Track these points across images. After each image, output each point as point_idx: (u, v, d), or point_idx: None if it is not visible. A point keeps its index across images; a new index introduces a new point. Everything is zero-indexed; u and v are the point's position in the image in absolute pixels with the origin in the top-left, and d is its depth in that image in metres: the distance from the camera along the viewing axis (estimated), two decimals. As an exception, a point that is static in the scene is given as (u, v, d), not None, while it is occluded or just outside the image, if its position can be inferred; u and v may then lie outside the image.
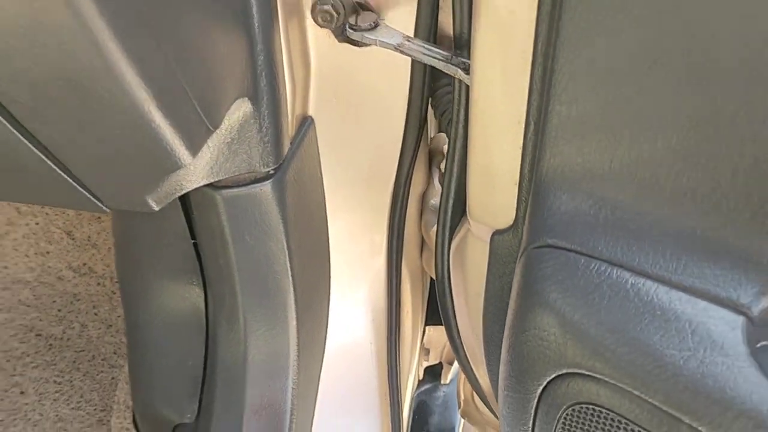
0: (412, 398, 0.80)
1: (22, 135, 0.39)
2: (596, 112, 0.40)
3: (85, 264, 0.95)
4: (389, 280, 0.69)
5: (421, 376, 0.82)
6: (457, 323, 0.68)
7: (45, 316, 0.92)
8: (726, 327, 0.34)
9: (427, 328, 0.83)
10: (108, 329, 0.93)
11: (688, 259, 0.38)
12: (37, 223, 0.95)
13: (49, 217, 0.95)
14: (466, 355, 0.70)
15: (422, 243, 0.76)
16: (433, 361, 0.82)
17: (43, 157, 0.41)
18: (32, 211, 0.95)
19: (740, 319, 0.34)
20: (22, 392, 0.85)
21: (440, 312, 0.69)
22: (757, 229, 0.36)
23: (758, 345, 0.34)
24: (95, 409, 0.86)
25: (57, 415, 0.84)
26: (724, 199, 0.37)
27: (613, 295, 0.40)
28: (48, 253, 0.96)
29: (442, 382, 0.82)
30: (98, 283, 0.94)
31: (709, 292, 0.37)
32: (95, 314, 0.93)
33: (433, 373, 0.83)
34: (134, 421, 0.75)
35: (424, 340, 0.80)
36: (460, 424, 0.82)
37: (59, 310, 0.93)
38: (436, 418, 0.78)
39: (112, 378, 0.87)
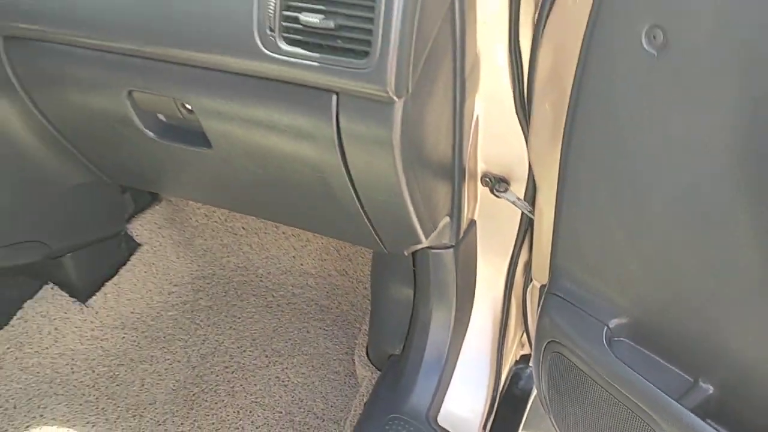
0: (510, 370, 1.44)
1: (362, 210, 1.09)
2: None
3: (344, 269, 1.69)
4: (505, 295, 1.33)
5: (517, 359, 1.46)
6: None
7: (321, 295, 1.67)
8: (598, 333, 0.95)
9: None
10: (353, 306, 1.66)
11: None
12: (322, 243, 1.70)
13: (328, 240, 1.70)
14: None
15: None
16: (527, 351, 1.44)
17: (368, 223, 1.11)
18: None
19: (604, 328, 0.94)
20: (308, 332, 1.59)
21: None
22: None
23: (615, 340, 0.94)
24: (345, 347, 1.58)
25: (324, 346, 1.57)
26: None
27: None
28: (324, 260, 1.71)
29: (530, 364, 1.44)
30: (351, 280, 1.67)
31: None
32: (349, 298, 1.66)
33: (526, 359, 1.46)
34: (367, 353, 1.46)
35: (522, 338, 1.43)
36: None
37: (328, 293, 1.68)
38: (522, 384, 1.41)
39: (357, 329, 1.59)
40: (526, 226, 1.22)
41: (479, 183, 1.19)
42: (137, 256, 1.62)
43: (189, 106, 1.02)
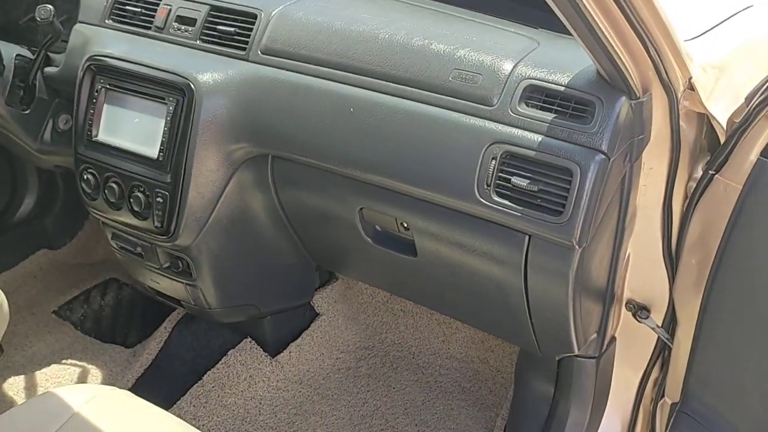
0: None
1: (529, 321, 1.34)
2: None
3: (486, 358, 1.94)
4: (635, 405, 1.54)
5: None
6: None
7: (464, 378, 1.92)
8: None
9: None
10: (491, 392, 1.90)
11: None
12: (468, 333, 1.97)
13: (474, 330, 1.97)
14: None
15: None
16: None
17: (531, 331, 1.37)
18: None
19: None
20: (451, 409, 1.84)
21: None
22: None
23: None
24: (484, 427, 1.82)
25: (465, 424, 1.82)
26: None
27: None
28: (469, 348, 1.97)
29: None
30: (491, 369, 1.92)
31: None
32: (489, 384, 1.91)
33: None
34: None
35: None
36: None
37: (471, 377, 1.93)
38: None
39: (494, 413, 1.83)
40: (661, 349, 1.44)
41: (623, 307, 1.43)
42: (316, 324, 1.94)
43: (406, 224, 1.34)
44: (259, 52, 1.40)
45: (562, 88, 1.13)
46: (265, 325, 1.83)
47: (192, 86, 1.39)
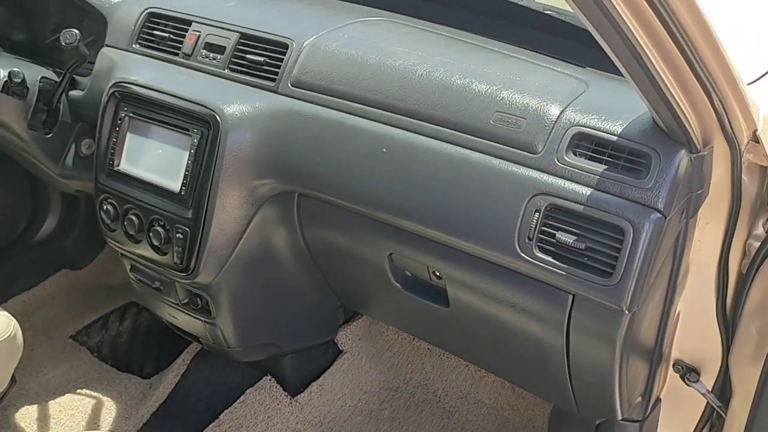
0: None
1: (569, 383, 1.25)
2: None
3: (516, 406, 1.84)
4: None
5: None
6: None
7: (492, 426, 1.82)
8: None
9: None
10: None
11: None
12: (498, 377, 1.87)
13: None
14: None
15: None
16: None
17: (570, 393, 1.27)
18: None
19: None
20: None
21: None
22: None
23: None
24: None
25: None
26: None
27: None
28: (499, 393, 1.87)
29: None
30: (522, 417, 1.82)
31: None
32: None
33: None
34: None
35: None
36: None
37: (500, 425, 1.83)
38: None
39: None
40: (710, 415, 1.34)
41: (671, 368, 1.33)
42: (339, 362, 1.86)
43: (439, 273, 1.26)
44: (290, 85, 1.33)
45: (614, 138, 1.04)
46: (285, 362, 1.75)
47: (218, 118, 1.32)
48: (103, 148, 1.47)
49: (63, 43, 1.45)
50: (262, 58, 1.38)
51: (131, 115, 1.44)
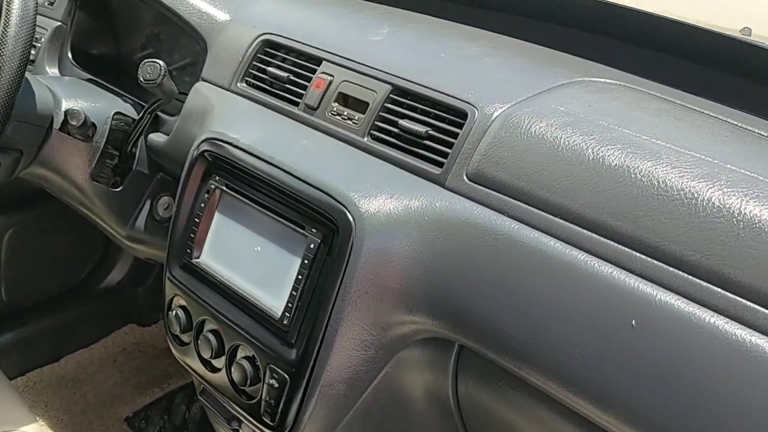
0: None
1: None
2: None
3: None
4: None
5: None
6: None
7: None
8: None
9: None
10: None
11: None
12: None
13: None
14: None
15: None
16: None
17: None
18: None
19: None
20: None
21: None
22: None
23: None
24: None
25: None
26: None
27: None
28: None
29: None
30: None
31: None
32: None
33: None
34: None
35: None
36: None
37: None
38: None
39: None
40: None
41: None
42: None
43: None
44: (465, 177, 0.86)
45: None
46: None
47: (349, 217, 0.86)
48: (180, 228, 1.04)
49: (141, 79, 1.03)
50: (423, 129, 0.91)
51: (224, 188, 1.00)
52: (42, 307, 1.75)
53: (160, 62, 1.03)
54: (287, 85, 1.07)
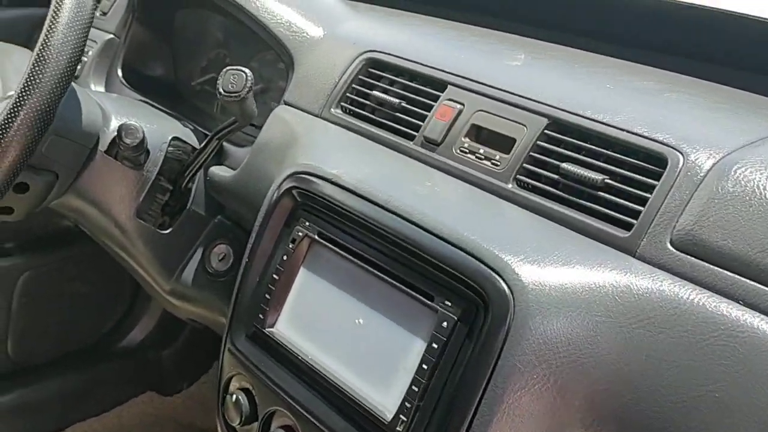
0: None
1: None
2: None
3: None
4: None
5: None
6: None
7: None
8: None
9: None
10: None
11: None
12: None
13: None
14: None
15: None
16: None
17: None
18: None
19: None
20: None
21: None
22: None
23: None
24: None
25: None
26: None
27: None
28: None
29: None
30: None
31: None
32: None
33: None
34: None
35: None
36: None
37: None
38: None
39: None
40: None
41: None
42: None
43: None
44: (669, 244, 0.61)
45: None
46: None
47: (504, 288, 0.62)
48: (250, 286, 0.80)
49: (222, 91, 0.81)
50: (599, 177, 0.67)
51: (316, 237, 0.76)
52: (52, 367, 1.50)
53: (246, 70, 0.81)
54: (399, 114, 0.84)
